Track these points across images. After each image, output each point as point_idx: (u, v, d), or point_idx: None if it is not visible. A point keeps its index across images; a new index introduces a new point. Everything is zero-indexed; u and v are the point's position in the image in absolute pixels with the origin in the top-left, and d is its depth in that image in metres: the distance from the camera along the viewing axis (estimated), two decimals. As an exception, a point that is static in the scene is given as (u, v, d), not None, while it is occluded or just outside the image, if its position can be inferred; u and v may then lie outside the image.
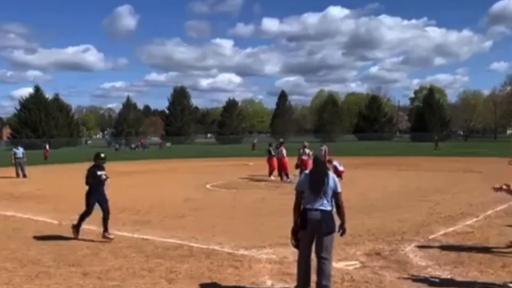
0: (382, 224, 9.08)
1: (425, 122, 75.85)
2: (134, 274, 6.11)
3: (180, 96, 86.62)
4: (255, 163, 25.27)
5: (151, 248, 7.51)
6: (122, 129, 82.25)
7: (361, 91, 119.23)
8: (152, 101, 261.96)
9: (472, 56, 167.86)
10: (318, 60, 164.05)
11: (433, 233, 8.19)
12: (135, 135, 78.90)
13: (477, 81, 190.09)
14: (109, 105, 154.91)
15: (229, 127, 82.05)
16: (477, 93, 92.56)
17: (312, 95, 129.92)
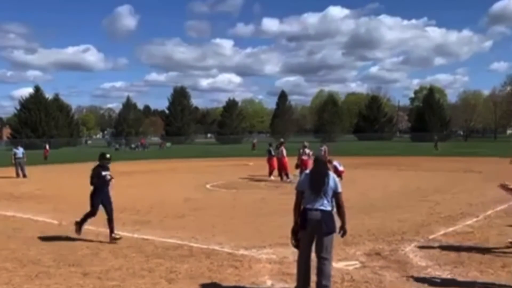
0: (382, 224, 9.08)
1: (425, 122, 75.86)
2: (134, 274, 6.11)
3: (180, 96, 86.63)
4: (255, 163, 25.27)
5: (151, 248, 7.51)
6: (122, 129, 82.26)
7: (361, 91, 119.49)
8: (152, 101, 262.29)
9: (472, 56, 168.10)
10: (318, 60, 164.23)
11: (433, 233, 8.19)
12: (135, 135, 78.90)
13: (477, 81, 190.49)
14: (109, 105, 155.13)
15: (229, 127, 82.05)
16: (477, 93, 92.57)
17: (312, 95, 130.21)
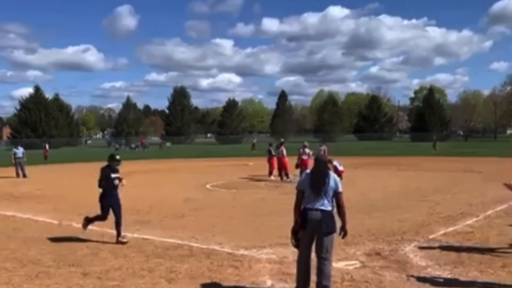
0: (382, 224, 9.08)
1: (425, 122, 75.88)
2: (134, 274, 6.11)
3: (180, 96, 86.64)
4: (255, 163, 25.27)
5: (151, 248, 7.51)
6: (122, 129, 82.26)
7: (361, 91, 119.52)
8: (152, 101, 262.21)
9: (472, 56, 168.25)
10: (318, 60, 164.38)
11: (433, 233, 8.19)
12: (135, 135, 78.91)
13: (477, 81, 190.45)
14: (109, 105, 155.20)
15: (229, 127, 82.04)
16: (477, 93, 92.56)
17: (312, 95, 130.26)
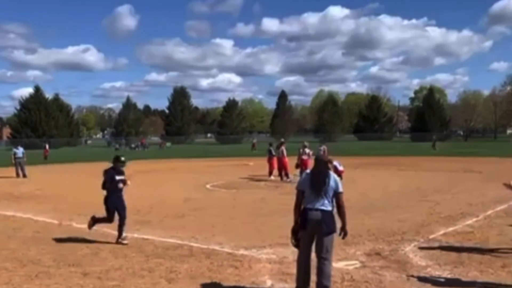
0: (382, 224, 9.08)
1: (425, 122, 75.85)
2: (134, 274, 6.11)
3: (180, 96, 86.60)
4: (255, 163, 25.26)
5: (151, 248, 7.51)
6: (122, 129, 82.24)
7: (361, 91, 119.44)
8: (152, 101, 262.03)
9: (472, 56, 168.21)
10: (318, 60, 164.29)
11: (433, 233, 8.19)
12: (135, 135, 78.90)
13: (477, 81, 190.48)
14: (109, 105, 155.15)
15: (229, 127, 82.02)
16: (477, 93, 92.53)
17: (312, 95, 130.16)
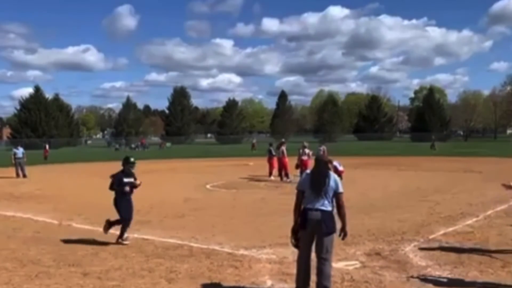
0: (382, 224, 9.08)
1: (425, 122, 75.83)
2: (134, 274, 6.11)
3: (180, 96, 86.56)
4: (255, 163, 25.26)
5: (151, 248, 7.51)
6: (122, 129, 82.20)
7: (361, 91, 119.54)
8: (152, 101, 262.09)
9: (472, 56, 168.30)
10: (318, 60, 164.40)
11: (433, 233, 8.18)
12: (135, 135, 78.90)
13: (477, 81, 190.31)
14: (109, 105, 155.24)
15: (229, 127, 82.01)
16: (477, 93, 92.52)
17: (312, 95, 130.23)
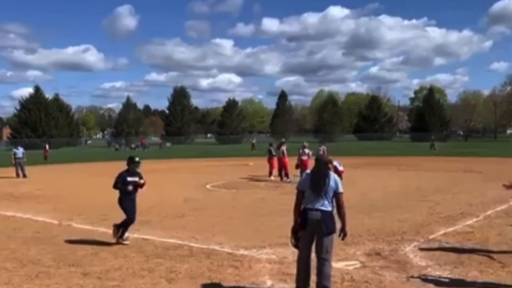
0: (382, 224, 9.08)
1: (425, 122, 75.86)
2: (134, 274, 6.11)
3: (180, 96, 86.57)
4: (255, 163, 25.26)
5: (151, 248, 7.51)
6: (122, 129, 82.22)
7: (361, 91, 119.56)
8: (152, 101, 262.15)
9: (472, 56, 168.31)
10: (318, 60, 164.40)
11: (433, 233, 8.18)
12: (135, 135, 78.93)
13: (477, 81, 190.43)
14: (109, 105, 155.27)
15: (229, 127, 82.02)
16: (477, 93, 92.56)
17: (312, 95, 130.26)
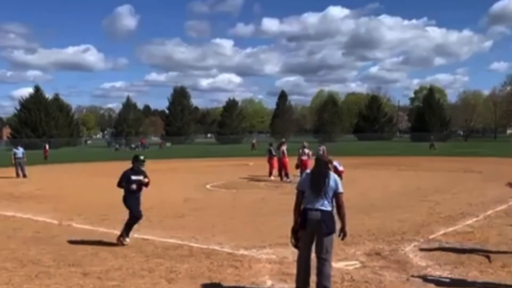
0: (382, 224, 9.08)
1: (425, 122, 75.86)
2: (134, 274, 6.11)
3: (180, 96, 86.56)
4: (255, 163, 25.26)
5: (151, 248, 7.51)
6: (122, 129, 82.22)
7: (361, 91, 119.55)
8: (152, 101, 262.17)
9: (472, 56, 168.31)
10: (318, 60, 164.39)
11: (433, 233, 8.18)
12: (135, 135, 78.95)
13: (477, 81, 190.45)
14: (109, 105, 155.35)
15: (229, 127, 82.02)
16: (477, 93, 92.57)
17: (312, 95, 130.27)
